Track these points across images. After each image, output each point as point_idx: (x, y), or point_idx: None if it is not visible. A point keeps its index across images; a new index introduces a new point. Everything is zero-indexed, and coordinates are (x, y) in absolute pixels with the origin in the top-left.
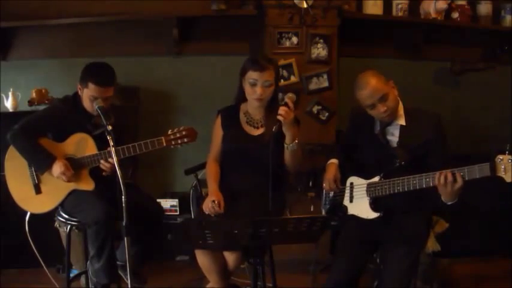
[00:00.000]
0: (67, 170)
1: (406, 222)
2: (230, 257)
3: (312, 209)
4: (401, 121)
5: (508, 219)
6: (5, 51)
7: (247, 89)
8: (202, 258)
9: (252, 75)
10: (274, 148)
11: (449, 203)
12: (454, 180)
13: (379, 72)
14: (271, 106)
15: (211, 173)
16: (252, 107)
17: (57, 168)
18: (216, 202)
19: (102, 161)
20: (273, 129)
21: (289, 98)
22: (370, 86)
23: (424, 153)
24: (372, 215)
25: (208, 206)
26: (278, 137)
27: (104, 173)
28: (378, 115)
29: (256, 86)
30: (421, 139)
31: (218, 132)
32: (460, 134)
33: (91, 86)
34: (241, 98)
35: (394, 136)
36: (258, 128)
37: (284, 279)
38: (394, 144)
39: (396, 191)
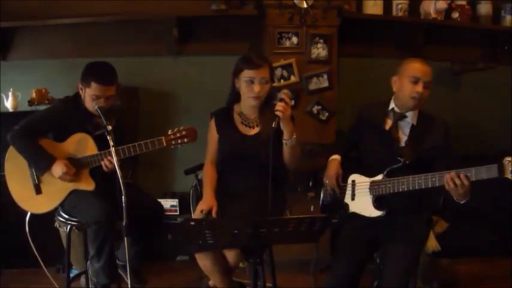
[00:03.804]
0: (69, 170)
1: (406, 222)
2: (229, 254)
3: (312, 209)
4: (414, 120)
5: (508, 219)
6: (5, 51)
7: (243, 88)
8: (203, 260)
9: (248, 73)
10: (273, 145)
11: (462, 202)
12: (462, 182)
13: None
14: (265, 104)
15: (207, 178)
16: (247, 107)
17: (59, 168)
18: (204, 212)
19: (108, 158)
20: (273, 125)
21: (284, 94)
22: (427, 66)
23: (429, 158)
24: (375, 213)
25: (198, 215)
26: (275, 134)
27: (105, 169)
28: (411, 93)
29: (253, 84)
30: (429, 143)
31: (214, 135)
32: (460, 134)
33: (93, 85)
34: (234, 99)
35: (404, 135)
36: (253, 127)
37: (284, 279)
38: (402, 143)
39: (400, 189)
